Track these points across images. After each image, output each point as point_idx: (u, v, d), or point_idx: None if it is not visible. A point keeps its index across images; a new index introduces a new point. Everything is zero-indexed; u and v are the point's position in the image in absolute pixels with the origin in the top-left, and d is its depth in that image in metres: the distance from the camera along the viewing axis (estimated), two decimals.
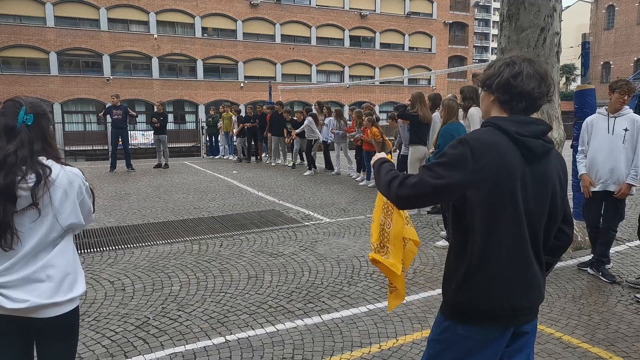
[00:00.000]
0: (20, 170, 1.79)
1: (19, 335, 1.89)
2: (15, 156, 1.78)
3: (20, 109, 1.85)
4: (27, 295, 1.80)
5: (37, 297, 1.81)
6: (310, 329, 3.56)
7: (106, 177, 11.65)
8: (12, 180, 1.77)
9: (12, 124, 1.83)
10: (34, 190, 1.79)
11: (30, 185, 1.79)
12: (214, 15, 33.01)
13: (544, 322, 3.64)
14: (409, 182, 1.67)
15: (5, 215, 1.77)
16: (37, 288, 1.82)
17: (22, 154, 1.80)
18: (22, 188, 1.79)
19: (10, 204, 1.78)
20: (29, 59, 29.04)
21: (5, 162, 1.77)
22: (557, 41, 5.64)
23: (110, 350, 3.25)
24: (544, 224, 1.72)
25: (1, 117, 1.85)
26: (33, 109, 1.88)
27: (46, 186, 1.81)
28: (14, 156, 1.78)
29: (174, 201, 8.44)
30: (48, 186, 1.82)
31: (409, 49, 39.77)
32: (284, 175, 11.93)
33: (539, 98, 1.70)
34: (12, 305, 1.79)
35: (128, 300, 4.09)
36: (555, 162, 1.74)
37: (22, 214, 1.82)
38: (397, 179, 1.71)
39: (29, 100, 1.92)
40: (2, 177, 1.76)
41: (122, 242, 5.82)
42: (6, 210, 1.77)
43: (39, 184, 1.80)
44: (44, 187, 1.81)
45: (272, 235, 6.10)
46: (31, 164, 1.81)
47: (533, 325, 1.81)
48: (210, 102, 31.14)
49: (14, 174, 1.77)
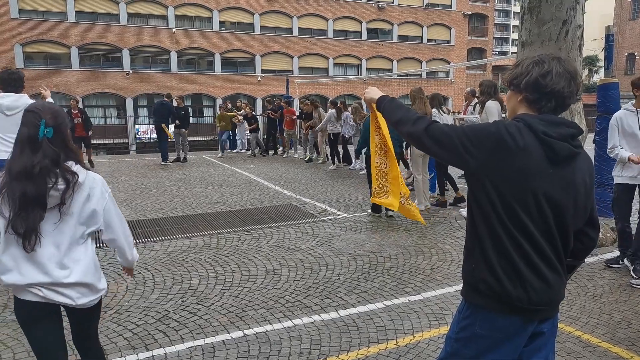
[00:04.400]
0: (50, 178, 1.93)
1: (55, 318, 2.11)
2: (41, 166, 1.92)
3: (40, 122, 1.96)
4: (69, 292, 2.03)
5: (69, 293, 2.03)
6: (327, 324, 3.59)
7: (126, 170, 11.83)
8: (43, 188, 1.92)
9: (35, 134, 1.95)
10: (63, 195, 1.95)
11: (60, 190, 1.94)
12: (231, 8, 33.11)
13: (564, 320, 3.60)
14: (439, 127, 1.75)
15: (34, 221, 1.91)
16: (74, 289, 2.03)
17: (48, 164, 1.94)
18: (52, 195, 1.95)
19: (41, 210, 1.93)
20: (51, 53, 29.59)
21: (33, 173, 1.91)
22: (580, 34, 5.52)
23: (132, 342, 3.33)
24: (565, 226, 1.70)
25: (24, 128, 1.97)
26: (52, 120, 2.00)
27: (73, 190, 1.97)
28: (40, 166, 1.92)
29: (192, 195, 8.55)
30: (75, 190, 1.97)
31: (427, 41, 39.34)
32: (301, 169, 11.96)
33: (568, 97, 1.68)
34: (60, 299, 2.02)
35: (149, 294, 4.17)
36: (582, 165, 1.71)
37: (46, 218, 1.94)
38: (424, 118, 1.82)
39: (47, 109, 2.02)
40: (34, 186, 1.91)
41: (142, 235, 5.93)
42: (36, 217, 1.91)
43: (68, 189, 1.95)
44: (72, 192, 1.96)
45: (289, 230, 6.14)
46: (60, 172, 1.96)
47: (552, 326, 1.80)
48: (227, 95, 31.32)
49: (44, 183, 1.92)
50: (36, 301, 2.02)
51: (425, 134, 1.75)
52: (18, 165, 1.92)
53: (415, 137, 1.79)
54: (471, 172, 1.70)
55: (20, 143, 1.97)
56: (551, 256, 1.68)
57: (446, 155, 1.74)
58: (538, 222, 1.64)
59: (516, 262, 1.65)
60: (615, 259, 4.80)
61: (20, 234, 1.90)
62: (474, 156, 1.65)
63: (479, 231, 1.71)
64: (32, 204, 1.90)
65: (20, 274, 1.97)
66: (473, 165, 1.66)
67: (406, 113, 1.88)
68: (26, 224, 1.90)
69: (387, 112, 1.97)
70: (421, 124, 1.77)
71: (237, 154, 16.25)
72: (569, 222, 1.70)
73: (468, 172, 1.72)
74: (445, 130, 1.71)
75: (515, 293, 1.64)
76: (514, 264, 1.65)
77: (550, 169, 1.63)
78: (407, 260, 4.98)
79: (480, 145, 1.64)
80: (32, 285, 1.99)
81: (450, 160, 1.75)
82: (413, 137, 1.81)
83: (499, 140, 1.62)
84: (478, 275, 1.71)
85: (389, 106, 1.97)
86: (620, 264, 4.72)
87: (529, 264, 1.65)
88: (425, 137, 1.75)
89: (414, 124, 1.80)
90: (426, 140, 1.75)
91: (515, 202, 1.62)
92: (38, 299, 2.02)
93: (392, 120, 1.93)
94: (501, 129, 1.64)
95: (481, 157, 1.64)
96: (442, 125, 1.75)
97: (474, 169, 1.67)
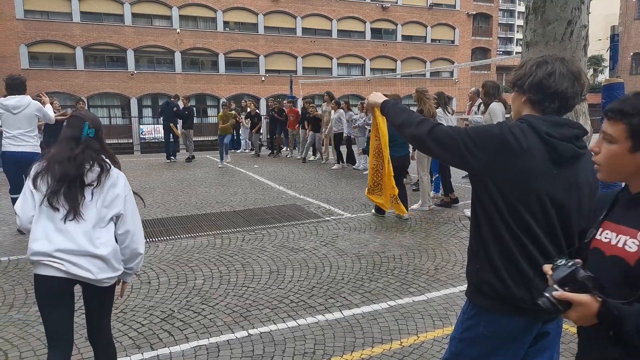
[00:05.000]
0: (88, 163, 2.31)
1: (69, 295, 2.33)
2: (83, 154, 2.32)
3: (84, 124, 2.37)
4: (90, 265, 2.24)
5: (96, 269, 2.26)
6: (331, 324, 3.60)
7: (131, 170, 11.87)
8: (82, 171, 2.29)
9: (78, 135, 2.36)
10: (99, 175, 2.31)
11: (96, 172, 2.31)
12: (235, 9, 33.14)
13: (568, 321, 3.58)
14: (443, 129, 1.74)
15: (75, 197, 2.25)
16: (94, 263, 2.25)
17: (88, 153, 2.33)
18: (89, 177, 2.30)
19: (81, 188, 2.28)
20: (55, 54, 29.68)
21: (76, 159, 2.30)
22: (585, 34, 5.50)
23: (137, 342, 3.35)
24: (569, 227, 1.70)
25: (68, 129, 2.38)
26: (94, 124, 2.41)
27: (106, 175, 2.33)
28: (82, 154, 2.32)
29: (197, 195, 8.57)
30: (106, 175, 2.33)
31: (431, 41, 39.25)
32: (304, 169, 11.97)
33: (572, 98, 1.68)
34: (81, 272, 2.23)
35: (154, 293, 4.19)
36: (587, 166, 1.69)
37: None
38: (427, 120, 1.81)
39: (90, 116, 2.45)
40: (75, 168, 2.28)
41: (147, 235, 5.95)
42: (76, 193, 2.26)
43: (103, 172, 2.32)
44: (105, 175, 2.33)
45: (293, 230, 6.15)
46: (96, 159, 2.34)
47: (557, 326, 1.80)
48: (231, 95, 31.34)
49: (83, 167, 2.30)
50: (57, 276, 2.21)
51: (429, 136, 1.75)
52: (61, 155, 2.29)
53: (419, 140, 1.80)
54: (474, 174, 1.70)
55: (64, 140, 2.35)
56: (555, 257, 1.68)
57: (449, 157, 1.74)
58: (542, 222, 1.65)
59: (520, 263, 1.65)
60: None
61: (56, 208, 2.22)
62: (477, 158, 1.65)
63: (482, 232, 1.71)
64: (73, 182, 2.25)
65: (49, 241, 2.21)
66: (476, 166, 1.67)
67: (409, 116, 1.88)
68: (68, 199, 2.23)
69: (390, 115, 1.98)
70: (424, 127, 1.78)
71: (241, 153, 16.28)
72: (573, 223, 1.70)
73: (471, 174, 1.72)
74: (448, 133, 1.71)
75: (519, 294, 1.65)
76: (517, 265, 1.65)
77: (554, 170, 1.63)
78: (411, 261, 4.98)
79: (484, 147, 1.64)
80: (58, 252, 2.19)
81: (454, 162, 1.76)
82: (416, 140, 1.81)
83: (502, 142, 1.62)
84: (482, 277, 1.72)
85: (393, 109, 1.97)
86: None
87: (532, 265, 1.65)
88: (428, 140, 1.75)
89: (417, 127, 1.80)
90: (429, 143, 1.75)
91: (518, 203, 1.63)
92: (60, 273, 2.21)
93: (396, 123, 1.93)
94: (505, 130, 1.64)
95: (484, 158, 1.64)
96: (446, 128, 1.75)
97: (477, 171, 1.68)
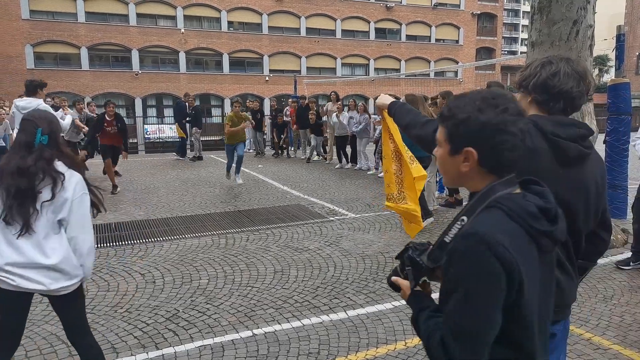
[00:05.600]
0: (38, 176, 2.20)
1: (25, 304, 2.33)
2: (35, 166, 2.21)
3: (36, 130, 2.26)
4: (41, 277, 2.22)
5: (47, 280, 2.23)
6: (335, 324, 3.60)
7: (135, 170, 11.91)
8: (33, 185, 2.19)
9: (31, 140, 2.25)
10: (53, 190, 2.20)
11: (49, 189, 2.20)
12: (239, 9, 33.21)
13: (574, 322, 3.58)
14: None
15: (28, 211, 2.18)
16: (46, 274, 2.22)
17: (40, 165, 2.22)
18: (44, 193, 2.21)
19: (33, 202, 2.20)
20: (61, 54, 29.85)
21: (27, 171, 2.20)
22: (590, 34, 5.47)
23: (142, 341, 3.36)
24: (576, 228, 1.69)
25: (22, 134, 2.29)
26: (48, 128, 2.29)
27: (60, 187, 2.22)
28: (34, 167, 2.21)
29: (201, 195, 8.59)
30: (60, 187, 2.22)
31: (435, 40, 39.19)
32: (308, 169, 11.98)
33: (577, 97, 1.67)
34: (32, 285, 2.21)
35: (158, 293, 4.20)
36: (594, 166, 1.69)
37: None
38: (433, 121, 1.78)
39: (45, 120, 2.31)
40: (27, 182, 2.19)
41: (152, 235, 5.97)
42: (29, 207, 2.19)
43: (56, 186, 2.21)
44: (59, 187, 2.22)
45: (297, 230, 6.15)
46: (48, 171, 2.22)
47: (563, 328, 1.79)
48: (235, 95, 31.40)
49: (33, 180, 2.20)
50: (9, 290, 2.21)
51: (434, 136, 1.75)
52: (13, 165, 2.20)
53: (424, 140, 1.81)
54: None
55: (17, 146, 2.27)
56: (562, 258, 1.67)
57: None
58: None
59: None
60: (626, 260, 4.76)
61: (9, 222, 2.17)
62: None
63: None
64: (25, 197, 2.18)
65: (0, 255, 2.20)
66: None
67: (415, 117, 1.90)
68: (21, 214, 2.17)
69: (397, 116, 2.00)
70: (430, 127, 1.79)
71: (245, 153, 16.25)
72: (580, 224, 1.69)
73: None
74: None
75: None
76: None
77: (560, 170, 1.62)
78: None
79: None
80: (8, 266, 2.19)
81: None
82: (422, 140, 1.82)
83: None
84: None
85: (400, 111, 2.00)
86: (631, 265, 4.68)
87: None
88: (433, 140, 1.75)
89: (423, 127, 1.81)
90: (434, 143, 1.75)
91: None
92: (10, 287, 2.21)
93: (402, 124, 1.95)
94: None
95: None
96: None
97: None
